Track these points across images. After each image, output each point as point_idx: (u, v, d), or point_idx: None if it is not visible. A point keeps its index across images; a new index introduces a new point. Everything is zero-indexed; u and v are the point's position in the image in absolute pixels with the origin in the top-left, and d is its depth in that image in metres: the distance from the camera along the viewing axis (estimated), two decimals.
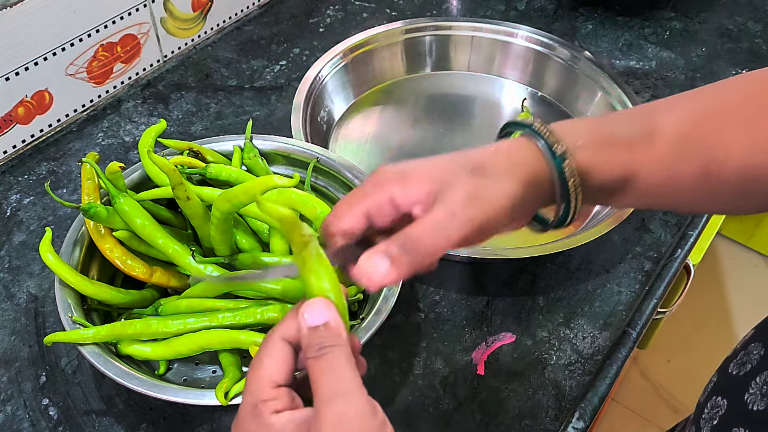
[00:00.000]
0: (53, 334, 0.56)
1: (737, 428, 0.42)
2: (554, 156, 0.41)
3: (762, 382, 0.42)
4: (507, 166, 0.40)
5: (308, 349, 0.36)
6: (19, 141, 0.83)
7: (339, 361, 0.35)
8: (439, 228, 0.38)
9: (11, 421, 0.61)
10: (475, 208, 0.39)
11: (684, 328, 1.73)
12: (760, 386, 0.42)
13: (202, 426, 0.61)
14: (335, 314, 0.37)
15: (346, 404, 0.34)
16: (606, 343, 0.68)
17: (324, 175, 0.70)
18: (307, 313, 0.36)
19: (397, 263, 0.37)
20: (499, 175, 0.40)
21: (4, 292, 0.70)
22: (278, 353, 0.37)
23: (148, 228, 0.59)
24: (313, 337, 0.36)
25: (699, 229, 0.80)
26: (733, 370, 0.46)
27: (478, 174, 0.40)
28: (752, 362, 0.44)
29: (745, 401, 0.42)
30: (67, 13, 0.80)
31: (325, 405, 0.34)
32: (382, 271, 0.37)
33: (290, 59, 0.98)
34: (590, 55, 0.93)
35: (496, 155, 0.41)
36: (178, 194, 0.59)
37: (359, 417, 0.34)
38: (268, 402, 0.35)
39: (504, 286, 0.73)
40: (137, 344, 0.57)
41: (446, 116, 0.91)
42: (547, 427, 0.62)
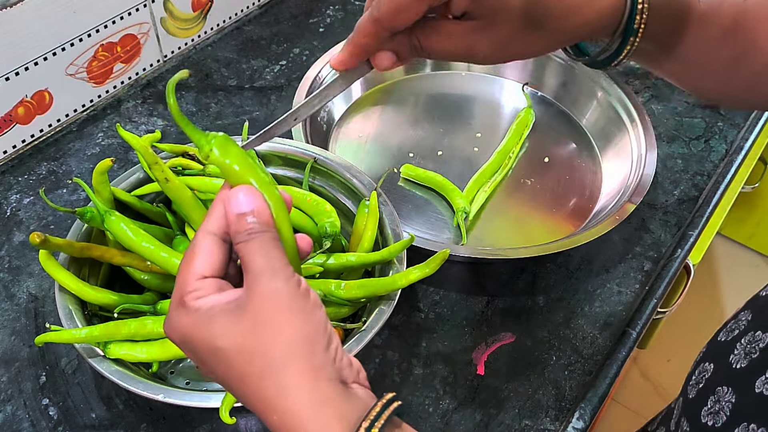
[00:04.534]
0: (44, 334, 0.55)
1: (720, 387, 0.43)
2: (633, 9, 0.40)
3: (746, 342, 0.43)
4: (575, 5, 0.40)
5: (237, 234, 0.37)
6: (19, 141, 0.83)
7: (267, 243, 0.37)
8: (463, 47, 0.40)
9: (11, 421, 0.61)
10: (502, 50, 0.40)
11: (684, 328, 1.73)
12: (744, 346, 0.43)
13: (203, 426, 0.61)
14: (261, 201, 0.38)
15: (274, 279, 0.36)
16: (606, 343, 0.68)
17: (322, 176, 0.70)
18: (232, 200, 0.37)
19: (403, 57, 0.42)
20: (555, 21, 0.39)
21: (4, 292, 0.70)
22: (203, 246, 0.38)
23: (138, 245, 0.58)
24: (242, 223, 0.37)
25: (699, 229, 0.80)
26: (721, 338, 0.47)
27: (533, 19, 0.39)
28: (740, 327, 0.45)
29: (730, 362, 0.43)
30: (67, 13, 0.80)
31: (254, 280, 0.36)
32: (389, 61, 0.42)
33: (290, 59, 0.98)
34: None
35: None
36: (156, 175, 0.59)
37: (287, 289, 0.36)
38: (193, 292, 0.37)
39: (504, 286, 0.73)
40: (128, 347, 0.56)
41: (446, 116, 0.91)
42: (547, 427, 0.62)
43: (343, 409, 0.35)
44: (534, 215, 0.80)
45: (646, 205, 0.81)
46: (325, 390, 0.35)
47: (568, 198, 0.82)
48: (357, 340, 0.55)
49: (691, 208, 0.82)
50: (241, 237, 0.37)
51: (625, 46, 0.42)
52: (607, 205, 0.78)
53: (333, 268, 0.61)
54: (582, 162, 0.86)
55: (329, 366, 0.36)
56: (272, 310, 0.35)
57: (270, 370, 0.35)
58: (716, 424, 0.42)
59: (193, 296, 0.37)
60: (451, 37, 0.41)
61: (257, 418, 0.62)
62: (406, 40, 0.42)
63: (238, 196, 0.37)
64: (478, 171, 0.82)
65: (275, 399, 0.35)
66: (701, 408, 0.44)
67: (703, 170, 0.86)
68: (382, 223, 0.65)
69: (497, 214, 0.80)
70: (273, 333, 0.35)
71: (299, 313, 0.36)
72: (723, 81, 0.47)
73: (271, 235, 0.37)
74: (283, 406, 0.35)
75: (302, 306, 0.36)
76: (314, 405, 0.35)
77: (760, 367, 0.41)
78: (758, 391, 0.40)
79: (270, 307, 0.35)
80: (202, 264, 0.37)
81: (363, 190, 0.68)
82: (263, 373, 0.35)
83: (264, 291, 0.36)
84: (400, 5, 0.40)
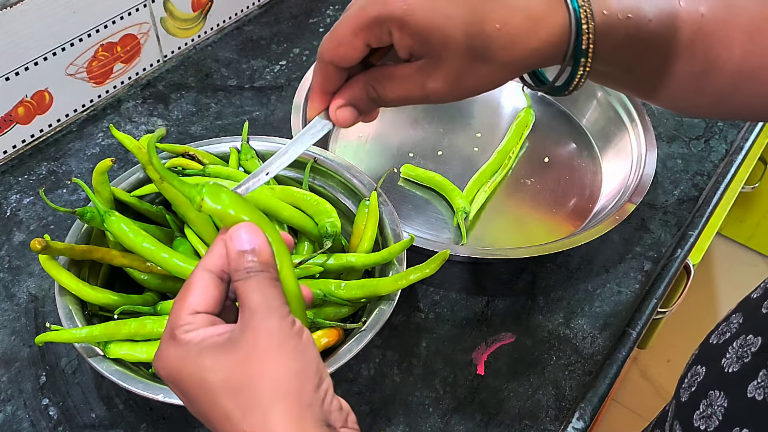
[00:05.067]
0: (44, 334, 0.55)
1: (713, 391, 0.43)
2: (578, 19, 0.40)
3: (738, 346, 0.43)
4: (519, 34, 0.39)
5: (236, 272, 0.37)
6: (19, 141, 0.83)
7: (265, 282, 0.37)
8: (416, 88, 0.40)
9: (11, 421, 0.61)
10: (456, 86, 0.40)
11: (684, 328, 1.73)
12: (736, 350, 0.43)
13: (203, 426, 0.61)
14: (263, 240, 0.38)
15: (269, 317, 0.35)
16: (606, 343, 0.68)
17: (322, 175, 0.70)
18: (234, 237, 0.37)
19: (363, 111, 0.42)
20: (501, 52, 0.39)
21: (4, 292, 0.70)
22: (199, 283, 0.38)
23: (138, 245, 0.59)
24: (241, 261, 0.37)
25: (699, 229, 0.80)
26: (713, 341, 0.47)
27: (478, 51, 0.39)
28: (731, 330, 0.45)
29: (722, 365, 0.43)
30: (67, 13, 0.80)
31: (249, 317, 0.36)
32: (350, 118, 0.42)
33: (290, 59, 0.98)
34: None
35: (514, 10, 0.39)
36: (151, 176, 0.59)
37: (279, 327, 0.35)
38: (184, 326, 0.37)
39: (504, 286, 0.73)
40: (128, 347, 0.56)
41: (446, 116, 0.91)
42: (547, 427, 0.62)
43: None
44: (534, 215, 0.80)
45: (646, 205, 0.81)
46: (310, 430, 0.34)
47: (568, 198, 0.82)
48: (357, 340, 0.55)
49: (691, 208, 0.82)
50: (240, 275, 0.37)
51: (578, 69, 0.41)
52: (607, 205, 0.78)
53: (333, 269, 0.61)
54: (582, 162, 0.86)
55: (317, 407, 0.35)
56: (264, 346, 0.35)
57: (255, 407, 0.34)
58: (708, 429, 0.42)
59: (183, 329, 0.36)
60: (403, 80, 0.40)
61: None
62: (363, 91, 0.42)
63: (240, 234, 0.37)
64: (478, 171, 0.82)
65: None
66: (693, 412, 0.44)
67: (703, 170, 0.86)
68: (382, 223, 0.65)
69: (497, 214, 0.80)
70: (262, 368, 0.34)
71: (291, 351, 0.35)
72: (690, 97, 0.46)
73: (270, 275, 0.37)
74: None
75: (294, 345, 0.36)
76: None
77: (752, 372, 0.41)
78: (750, 396, 0.40)
79: (262, 343, 0.35)
80: (196, 299, 0.37)
81: (363, 190, 0.68)
82: (248, 409, 0.34)
83: (257, 328, 0.35)
84: (338, 38, 0.40)
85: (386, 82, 0.41)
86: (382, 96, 0.41)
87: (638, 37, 0.41)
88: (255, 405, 0.34)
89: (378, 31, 0.39)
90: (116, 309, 0.58)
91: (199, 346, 0.36)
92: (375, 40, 0.40)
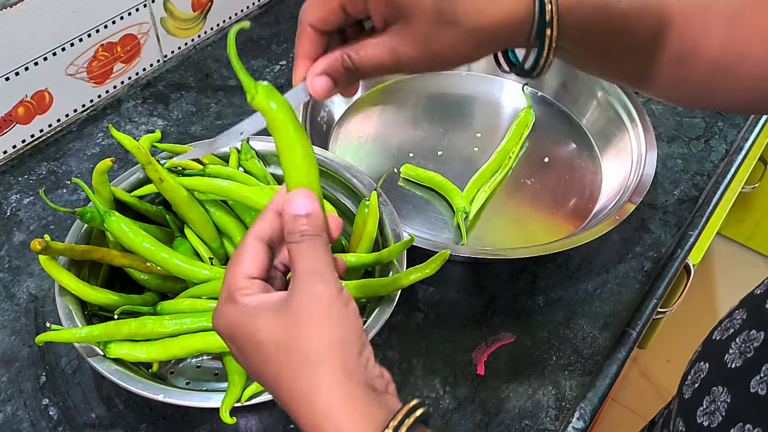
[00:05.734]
0: (45, 334, 0.55)
1: (716, 387, 0.43)
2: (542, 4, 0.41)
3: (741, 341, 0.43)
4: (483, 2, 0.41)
5: (290, 235, 0.39)
6: (19, 141, 0.83)
7: (317, 246, 0.39)
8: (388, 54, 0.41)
9: (11, 421, 0.61)
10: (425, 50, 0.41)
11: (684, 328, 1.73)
12: (739, 345, 0.44)
13: (203, 426, 0.61)
14: (317, 206, 0.40)
15: (319, 282, 0.38)
16: (606, 343, 0.68)
17: (322, 176, 0.70)
18: (293, 202, 0.40)
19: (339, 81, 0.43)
20: (466, 18, 0.40)
21: (4, 292, 0.70)
22: (252, 250, 0.40)
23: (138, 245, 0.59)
24: (296, 224, 0.39)
25: (699, 229, 0.80)
26: (716, 337, 0.47)
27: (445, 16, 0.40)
28: (735, 327, 0.45)
29: (725, 361, 0.43)
30: (67, 13, 0.80)
31: (301, 281, 0.38)
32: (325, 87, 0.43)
33: (290, 59, 0.98)
34: None
35: None
36: (150, 176, 0.59)
37: (328, 293, 0.38)
38: (242, 290, 0.39)
39: (504, 286, 0.73)
40: (128, 347, 0.56)
41: (446, 116, 0.91)
42: (547, 427, 0.62)
43: (372, 411, 0.36)
44: (534, 215, 0.80)
45: (646, 205, 0.81)
46: (355, 391, 0.36)
47: (568, 198, 0.82)
48: None
49: (691, 208, 0.82)
50: (294, 238, 0.39)
51: (543, 46, 0.42)
52: (607, 205, 0.78)
53: None
54: (582, 162, 0.86)
55: (361, 370, 0.37)
56: (312, 310, 0.37)
57: (303, 367, 0.36)
58: (712, 425, 0.42)
59: (242, 293, 0.39)
60: (377, 46, 0.42)
61: (257, 418, 0.62)
62: (338, 60, 0.43)
63: (297, 199, 0.40)
64: (478, 171, 0.82)
65: (307, 395, 0.36)
66: (696, 408, 0.44)
67: (703, 170, 0.86)
68: (382, 223, 0.65)
69: (497, 214, 0.80)
70: (310, 332, 0.37)
71: (337, 317, 0.37)
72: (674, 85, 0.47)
73: (322, 239, 0.39)
74: (314, 403, 0.36)
75: (340, 311, 0.38)
76: (344, 403, 0.36)
77: (755, 367, 0.41)
78: (753, 391, 0.40)
79: (310, 307, 0.37)
80: (251, 266, 0.40)
81: (363, 190, 0.68)
82: (297, 369, 0.37)
83: (307, 292, 0.37)
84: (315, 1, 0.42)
85: (360, 49, 0.42)
86: (357, 63, 0.42)
87: (608, 17, 0.42)
88: (303, 366, 0.36)
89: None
90: (116, 309, 0.58)
91: (255, 309, 0.38)
92: (349, 2, 0.41)
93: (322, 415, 0.36)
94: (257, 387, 0.54)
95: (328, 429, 0.36)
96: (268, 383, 0.39)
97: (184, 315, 0.57)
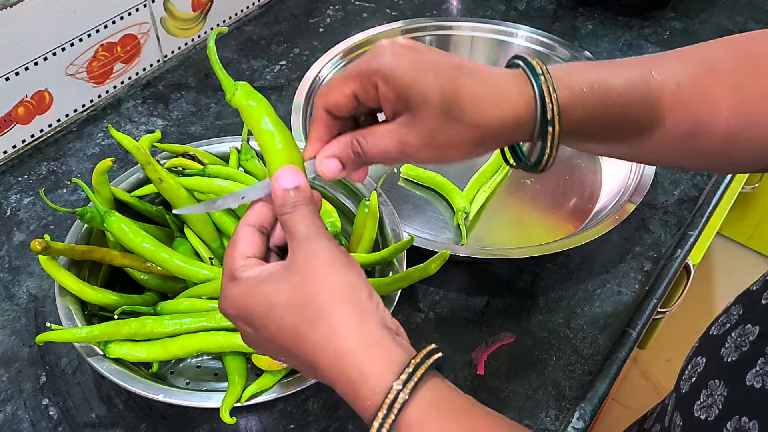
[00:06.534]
0: (45, 333, 0.55)
1: (713, 381, 0.43)
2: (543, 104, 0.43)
3: (737, 335, 0.44)
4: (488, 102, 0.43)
5: (283, 207, 0.42)
6: (19, 141, 0.83)
7: (309, 213, 0.42)
8: (395, 143, 0.43)
9: (11, 421, 0.61)
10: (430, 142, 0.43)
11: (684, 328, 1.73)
12: (734, 339, 0.44)
13: (203, 426, 0.61)
14: (303, 179, 0.43)
15: (318, 239, 0.40)
16: (606, 343, 0.68)
17: None
18: (281, 177, 0.42)
19: (347, 165, 0.45)
20: (470, 115, 0.42)
21: (4, 292, 0.70)
22: (244, 233, 0.43)
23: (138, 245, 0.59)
24: (287, 197, 0.42)
25: (699, 229, 0.80)
26: (713, 332, 0.47)
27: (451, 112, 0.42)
28: (731, 321, 0.45)
29: (721, 355, 0.44)
30: (67, 13, 0.80)
31: (299, 243, 0.40)
32: (334, 170, 0.45)
33: (290, 59, 0.98)
34: (590, 55, 0.93)
35: (485, 84, 0.43)
36: (150, 176, 0.59)
37: (329, 246, 0.40)
38: (241, 267, 0.41)
39: (504, 286, 0.73)
40: (128, 347, 0.56)
41: None
42: (547, 427, 0.62)
43: (392, 351, 0.38)
44: (534, 215, 0.80)
45: (646, 205, 0.81)
46: (372, 331, 0.38)
47: (568, 198, 0.82)
48: None
49: (691, 208, 0.82)
50: (287, 209, 0.41)
51: (546, 141, 0.44)
52: (607, 205, 0.78)
53: None
54: (582, 162, 0.86)
55: (374, 310, 0.39)
56: (317, 263, 0.39)
57: (319, 316, 0.38)
58: (709, 418, 0.42)
59: (241, 270, 0.41)
60: (384, 135, 0.44)
61: (257, 418, 0.62)
62: (348, 145, 0.45)
63: (284, 174, 0.42)
64: (478, 171, 0.82)
65: (326, 342, 0.38)
66: (694, 402, 0.44)
67: None
68: (382, 223, 0.65)
69: (497, 214, 0.80)
70: (319, 282, 0.39)
71: (341, 265, 0.40)
72: (686, 158, 0.48)
73: (312, 207, 0.42)
74: (333, 347, 0.38)
75: (343, 260, 0.40)
76: (364, 344, 0.38)
77: (750, 360, 0.41)
78: (749, 384, 0.40)
79: (315, 261, 0.39)
80: (246, 247, 0.42)
81: (363, 190, 0.68)
82: (313, 320, 0.38)
83: (309, 250, 0.40)
84: (330, 85, 0.45)
85: (369, 136, 0.44)
86: (365, 149, 0.44)
87: (609, 110, 0.44)
88: (318, 315, 0.38)
89: (366, 82, 0.43)
90: (116, 309, 0.58)
91: (258, 278, 0.40)
92: (362, 91, 0.43)
93: (345, 358, 0.37)
94: (257, 387, 0.54)
95: (351, 371, 0.37)
96: (288, 348, 0.39)
97: (184, 315, 0.57)
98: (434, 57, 0.43)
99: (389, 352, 0.38)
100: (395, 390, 0.36)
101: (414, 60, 0.43)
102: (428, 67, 0.42)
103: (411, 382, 0.37)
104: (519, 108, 0.43)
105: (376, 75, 0.42)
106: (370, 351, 0.38)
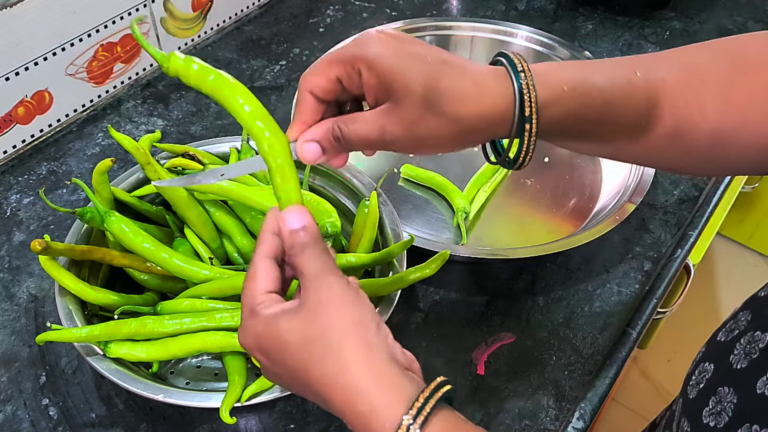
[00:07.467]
0: (45, 333, 0.55)
1: (722, 387, 0.43)
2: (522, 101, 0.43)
3: (746, 342, 0.44)
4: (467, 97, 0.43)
5: (292, 248, 0.43)
6: (19, 141, 0.83)
7: (318, 252, 0.42)
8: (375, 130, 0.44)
9: (11, 421, 0.61)
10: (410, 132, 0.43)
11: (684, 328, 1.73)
12: (743, 346, 0.44)
13: (203, 426, 0.61)
14: (310, 218, 0.43)
15: (327, 277, 0.41)
16: (606, 343, 0.68)
17: (322, 176, 0.71)
18: (287, 219, 0.43)
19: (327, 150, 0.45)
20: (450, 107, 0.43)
21: (4, 292, 0.70)
22: (263, 267, 0.43)
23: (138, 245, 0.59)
24: (295, 237, 0.43)
25: (699, 229, 0.80)
26: (721, 338, 0.47)
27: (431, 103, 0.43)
28: (739, 328, 0.45)
29: (730, 362, 0.44)
30: (67, 13, 0.80)
31: (309, 282, 0.41)
32: (314, 153, 0.45)
33: (290, 59, 0.98)
34: (590, 55, 0.93)
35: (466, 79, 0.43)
36: (150, 176, 0.59)
37: (338, 283, 0.41)
38: (261, 304, 0.42)
39: (504, 286, 0.73)
40: (128, 347, 0.56)
41: None
42: (547, 427, 0.62)
43: (401, 385, 0.38)
44: (534, 215, 0.80)
45: (646, 205, 0.81)
46: (380, 365, 0.39)
47: (568, 198, 0.82)
48: None
49: (691, 208, 0.82)
50: (296, 250, 0.42)
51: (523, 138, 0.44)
52: (607, 205, 0.78)
53: None
54: (582, 162, 0.86)
55: (382, 344, 0.40)
56: (326, 300, 0.40)
57: (329, 353, 0.39)
58: (718, 425, 0.42)
59: (262, 306, 0.42)
60: (365, 122, 0.44)
61: (257, 418, 0.62)
62: (329, 130, 0.45)
63: (290, 216, 0.43)
64: (478, 171, 0.82)
65: (336, 377, 0.39)
66: (702, 408, 0.44)
67: None
68: (382, 223, 0.65)
69: (497, 214, 0.80)
70: (328, 318, 0.40)
71: (351, 302, 0.40)
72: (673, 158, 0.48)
73: (321, 245, 0.43)
74: (343, 382, 0.38)
75: (352, 297, 0.41)
76: (372, 378, 0.38)
77: (760, 368, 0.41)
78: (760, 392, 0.40)
79: (324, 298, 0.40)
80: (264, 282, 0.43)
81: (363, 190, 0.68)
82: (323, 356, 0.39)
83: (319, 288, 0.41)
84: (315, 68, 0.45)
85: (350, 122, 0.44)
86: (345, 135, 0.45)
87: (591, 107, 0.44)
88: (329, 351, 0.39)
89: (350, 67, 0.43)
90: (116, 309, 0.58)
91: (276, 316, 0.41)
92: (346, 76, 0.44)
93: (353, 393, 0.38)
94: (257, 387, 0.54)
95: (360, 406, 0.38)
96: (302, 382, 0.40)
97: (184, 315, 0.57)
98: (419, 49, 0.44)
99: (399, 385, 0.38)
100: (406, 424, 0.37)
101: (399, 49, 0.43)
102: (412, 58, 0.43)
103: (421, 416, 0.37)
104: (497, 104, 0.43)
105: (360, 61, 0.43)
106: (379, 384, 0.38)
